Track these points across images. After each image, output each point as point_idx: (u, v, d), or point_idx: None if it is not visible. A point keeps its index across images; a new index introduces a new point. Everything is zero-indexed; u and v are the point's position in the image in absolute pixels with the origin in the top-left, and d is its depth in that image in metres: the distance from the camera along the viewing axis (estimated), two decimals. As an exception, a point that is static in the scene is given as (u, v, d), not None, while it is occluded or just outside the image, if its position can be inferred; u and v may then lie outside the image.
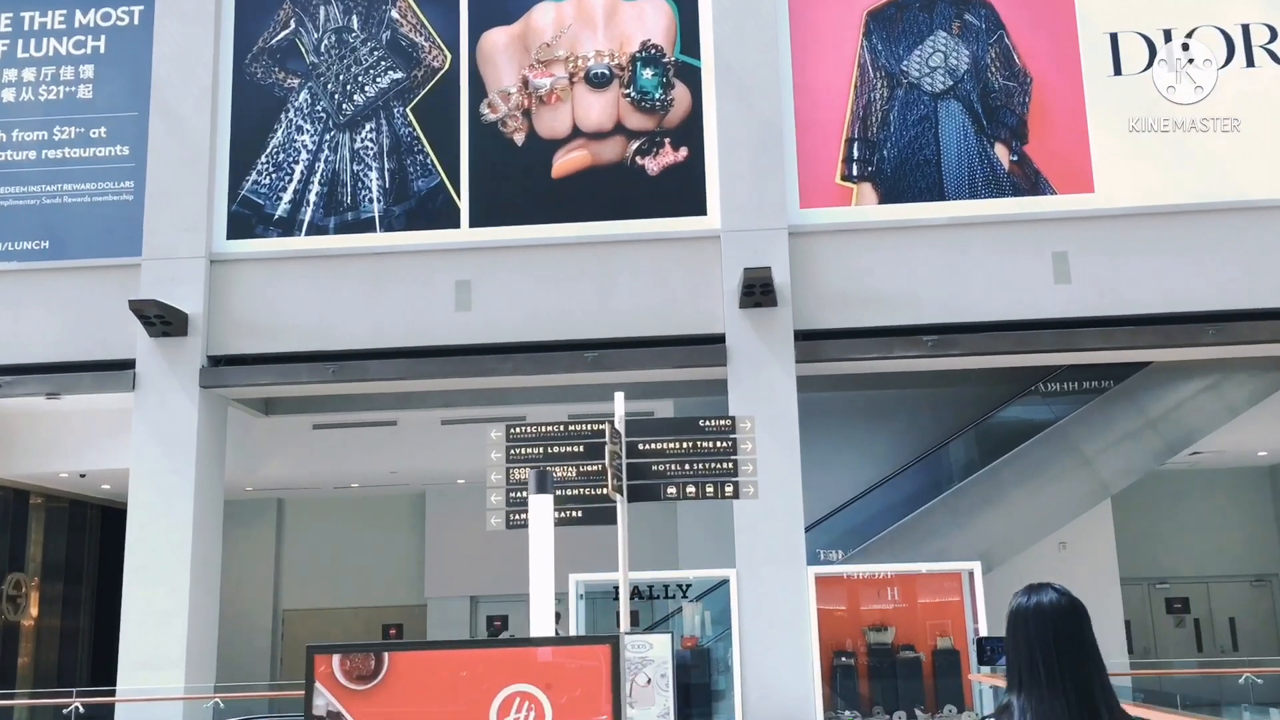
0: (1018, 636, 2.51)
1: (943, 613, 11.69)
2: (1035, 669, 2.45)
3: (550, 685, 1.94)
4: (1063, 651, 2.46)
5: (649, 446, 8.24)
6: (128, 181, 12.83)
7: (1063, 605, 2.52)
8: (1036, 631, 2.49)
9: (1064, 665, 2.44)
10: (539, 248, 12.25)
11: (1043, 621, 2.50)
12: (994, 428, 13.35)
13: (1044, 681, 2.43)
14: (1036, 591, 2.58)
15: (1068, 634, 2.48)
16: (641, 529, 15.55)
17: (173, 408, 11.92)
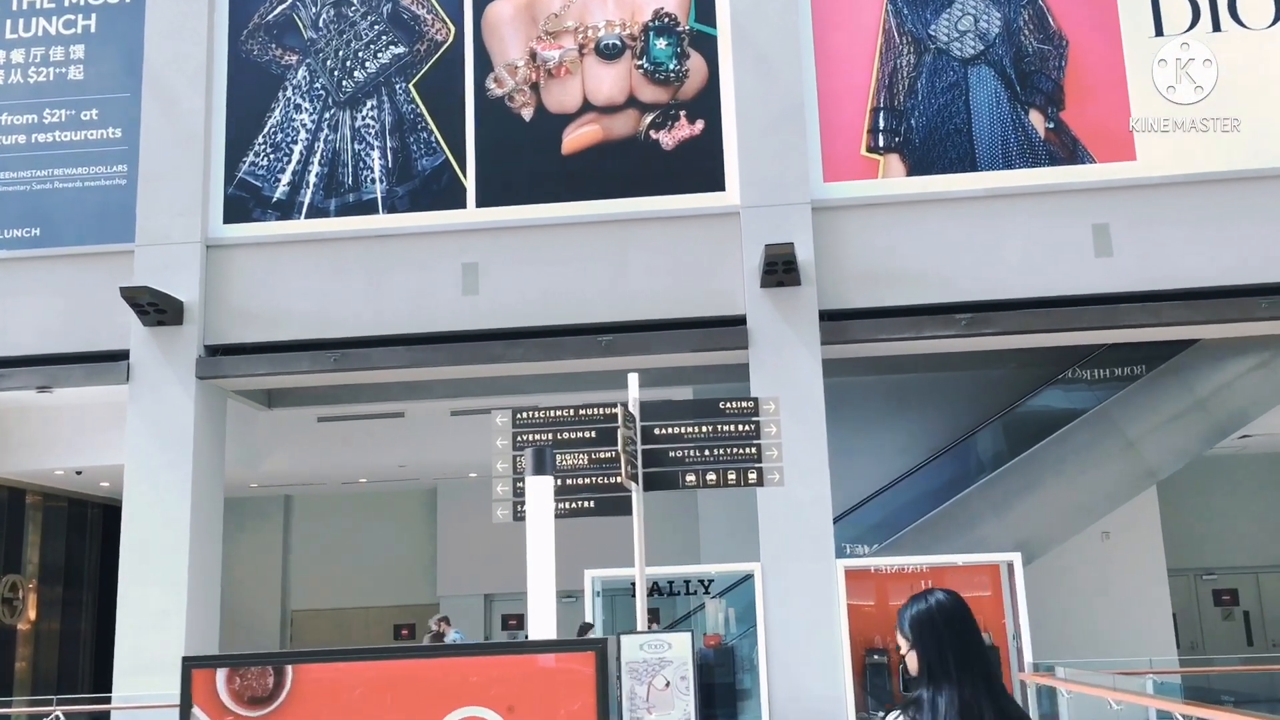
0: (926, 636, 2.77)
1: (980, 608, 11.12)
2: (945, 663, 2.72)
3: (513, 708, 1.45)
4: (966, 646, 2.77)
5: (666, 431, 7.73)
6: (121, 165, 12.41)
7: (959, 606, 2.83)
8: (942, 632, 2.77)
9: (968, 657, 2.75)
10: (549, 228, 11.75)
11: (947, 619, 2.81)
12: (1031, 412, 12.77)
13: (954, 673, 2.70)
14: (930, 595, 2.87)
15: (967, 630, 2.80)
16: (661, 521, 15.08)
17: (168, 400, 11.49)
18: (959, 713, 2.68)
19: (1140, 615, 12.53)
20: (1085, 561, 12.63)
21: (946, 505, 12.05)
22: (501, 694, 1.46)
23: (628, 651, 6.23)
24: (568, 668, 1.58)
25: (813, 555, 10.63)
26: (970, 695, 2.71)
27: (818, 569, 10.57)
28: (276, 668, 1.48)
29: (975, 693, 2.71)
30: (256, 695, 1.46)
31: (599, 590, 11.57)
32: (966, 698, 2.70)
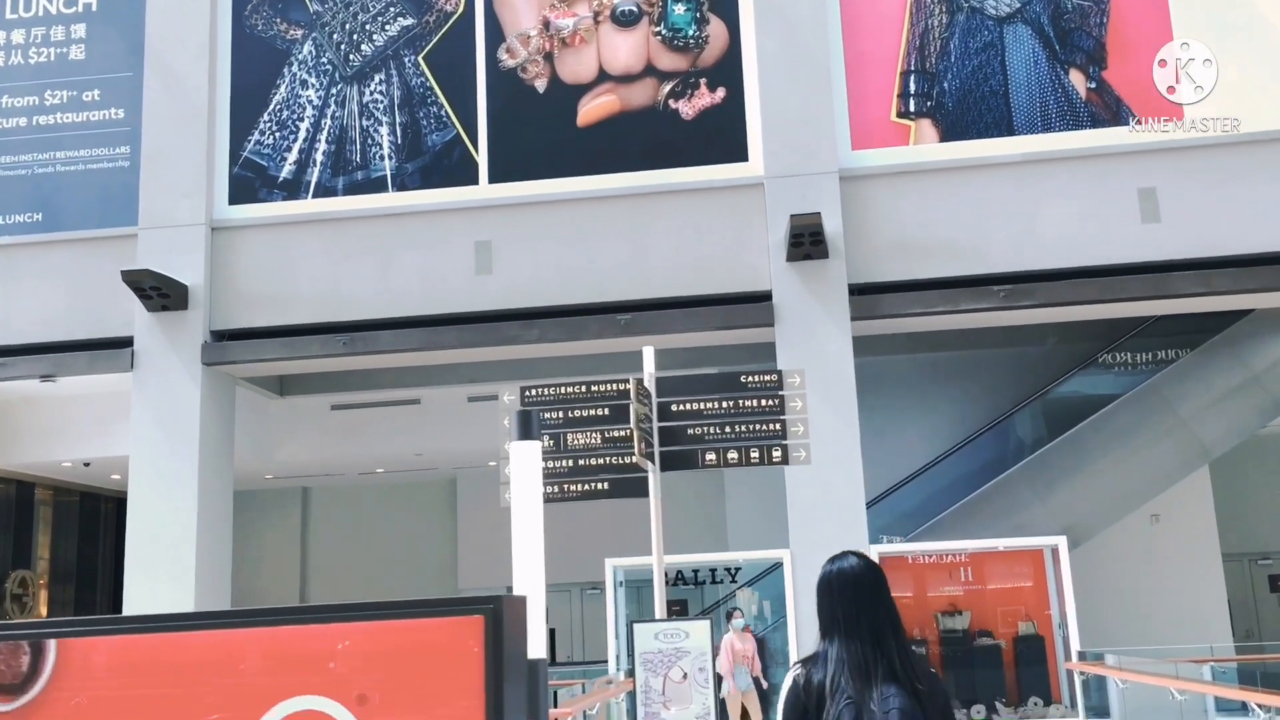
0: (825, 597, 2.93)
1: (1023, 595, 10.62)
2: (837, 621, 2.87)
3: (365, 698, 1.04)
4: (859, 606, 2.87)
5: (684, 407, 7.30)
6: (124, 147, 12.10)
7: (859, 569, 2.94)
8: (839, 591, 2.90)
9: (860, 616, 2.85)
10: (565, 203, 11.33)
11: (844, 583, 2.92)
12: (1074, 391, 12.21)
13: (843, 630, 2.85)
14: (840, 559, 2.98)
15: (863, 592, 2.89)
16: (687, 507, 14.64)
17: (174, 387, 11.17)
18: (846, 666, 2.82)
19: (1192, 602, 11.95)
20: (1133, 546, 12.06)
21: (985, 488, 11.52)
22: (349, 677, 1.04)
23: (641, 641, 5.79)
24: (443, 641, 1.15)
25: (845, 541, 10.10)
26: (859, 650, 2.83)
27: (850, 555, 10.08)
28: (34, 645, 1.05)
29: (864, 648, 2.83)
30: (4, 682, 1.04)
31: (621, 580, 11.15)
32: (855, 653, 2.83)
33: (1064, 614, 10.00)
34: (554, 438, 7.29)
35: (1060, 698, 10.15)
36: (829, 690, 2.82)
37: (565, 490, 7.22)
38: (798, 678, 2.91)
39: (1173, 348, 11.77)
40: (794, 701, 2.88)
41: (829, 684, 2.83)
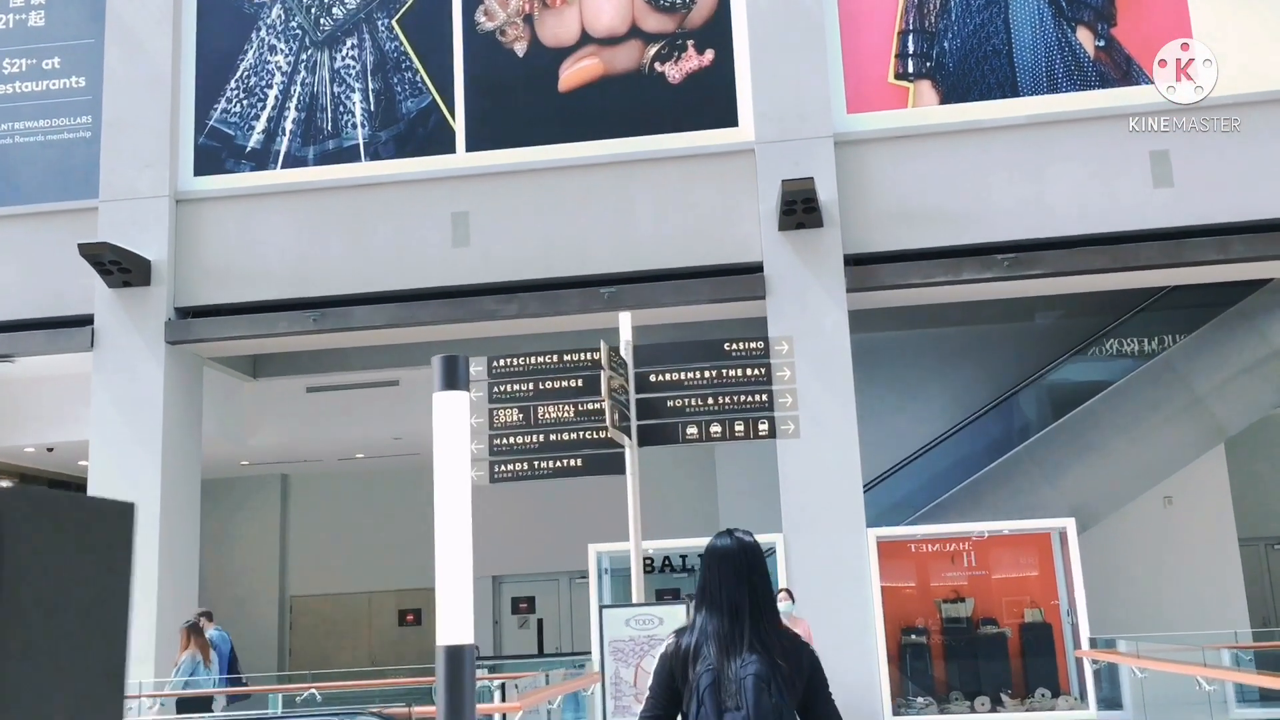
0: (703, 568, 3.09)
1: (1030, 581, 10.12)
2: (707, 593, 3.04)
3: None
4: (727, 581, 3.02)
5: (663, 378, 6.79)
6: (85, 116, 11.60)
7: (732, 546, 3.07)
8: (714, 566, 3.05)
9: (726, 590, 3.01)
10: (546, 172, 10.84)
11: (719, 558, 3.07)
12: (1082, 367, 11.69)
13: (711, 602, 3.02)
14: (720, 537, 3.11)
15: (734, 568, 3.03)
16: (679, 490, 14.16)
17: (135, 367, 10.69)
18: (710, 636, 2.95)
19: (1206, 587, 11.43)
20: (1144, 529, 11.54)
21: (989, 469, 11.01)
22: None
23: (611, 628, 5.30)
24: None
25: (841, 525, 9.67)
26: (723, 621, 2.95)
27: (847, 540, 9.61)
28: None
29: (728, 620, 2.95)
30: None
31: (607, 568, 10.67)
32: (720, 624, 2.95)
33: (1073, 601, 9.51)
34: (523, 411, 6.79)
35: (1069, 688, 9.65)
36: (692, 657, 2.95)
37: (535, 467, 6.73)
38: (669, 645, 3.04)
39: (1186, 321, 11.23)
40: (662, 667, 3.01)
41: (693, 651, 2.96)
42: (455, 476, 3.15)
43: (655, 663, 3.05)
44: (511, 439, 6.79)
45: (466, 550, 3.13)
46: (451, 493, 3.12)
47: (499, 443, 6.80)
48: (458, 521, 3.10)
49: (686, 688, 2.92)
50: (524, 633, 15.47)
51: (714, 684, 2.86)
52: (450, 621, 3.01)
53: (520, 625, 15.48)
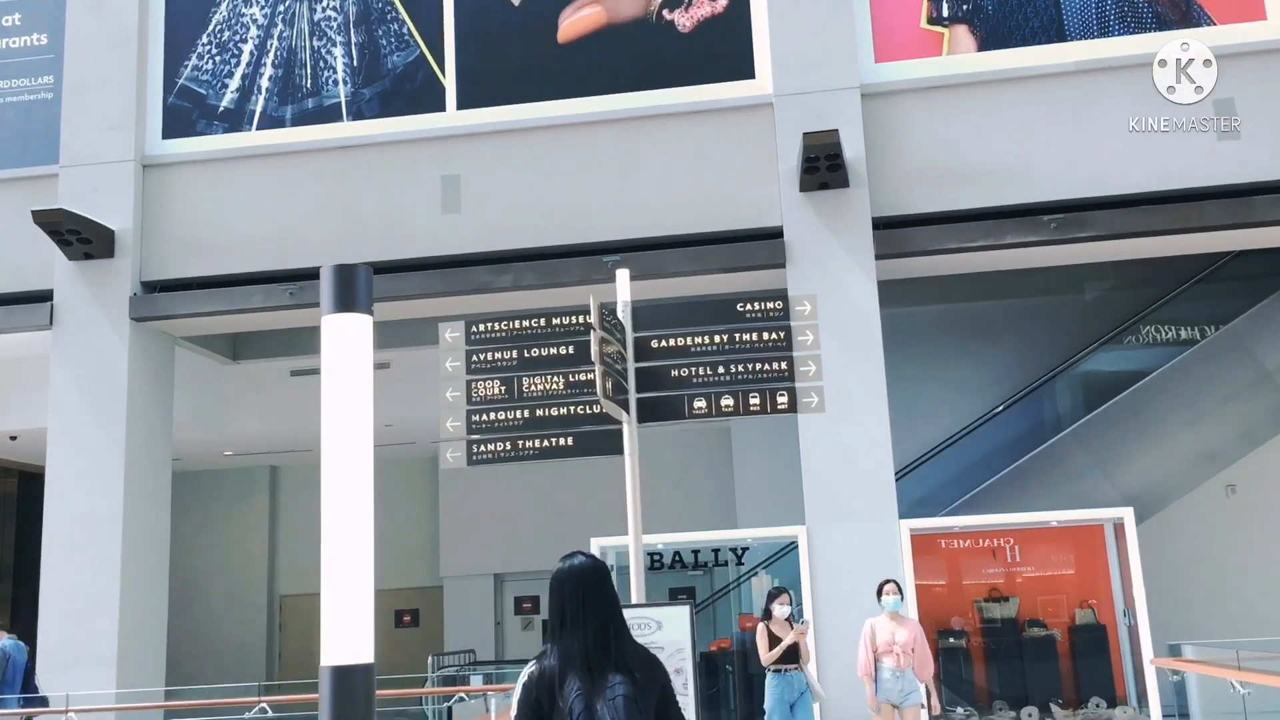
0: (554, 592, 3.12)
1: (1080, 578, 9.25)
2: (564, 618, 3.06)
3: None
4: (585, 603, 3.07)
5: (666, 343, 5.98)
6: (47, 76, 10.88)
7: (586, 566, 3.14)
8: (568, 589, 3.09)
9: (585, 612, 3.05)
10: (544, 130, 10.06)
11: (572, 580, 3.11)
12: (1136, 341, 10.79)
13: (569, 626, 3.04)
14: (569, 558, 3.18)
15: (589, 588, 3.09)
16: (692, 480, 13.36)
17: (98, 346, 9.96)
18: (574, 659, 2.97)
19: (1275, 585, 10.51)
20: (1204, 521, 10.64)
21: (1032, 455, 10.14)
22: None
23: (601, 634, 4.48)
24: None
25: (870, 515, 8.84)
26: (584, 643, 2.99)
27: (877, 531, 8.78)
28: None
29: (590, 641, 3.00)
30: None
31: (612, 564, 9.84)
32: (581, 646, 2.99)
33: (1130, 600, 8.64)
34: (505, 383, 6.00)
35: (1126, 697, 8.79)
36: (559, 683, 2.95)
37: (520, 448, 5.93)
38: (531, 673, 3.01)
39: (1253, 289, 10.32)
40: (526, 697, 2.98)
41: (559, 677, 2.96)
42: (349, 436, 2.35)
43: (515, 700, 3.00)
44: (492, 415, 5.99)
45: (365, 539, 2.33)
46: (344, 460, 2.31)
47: (479, 419, 6.01)
48: (353, 501, 2.30)
49: (556, 713, 2.93)
50: (528, 634, 14.69)
51: (586, 708, 2.87)
52: (340, 633, 2.21)
53: (524, 627, 14.70)
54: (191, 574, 14.36)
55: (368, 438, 2.31)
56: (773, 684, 7.75)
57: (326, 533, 2.29)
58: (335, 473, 2.26)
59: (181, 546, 12.09)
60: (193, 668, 13.05)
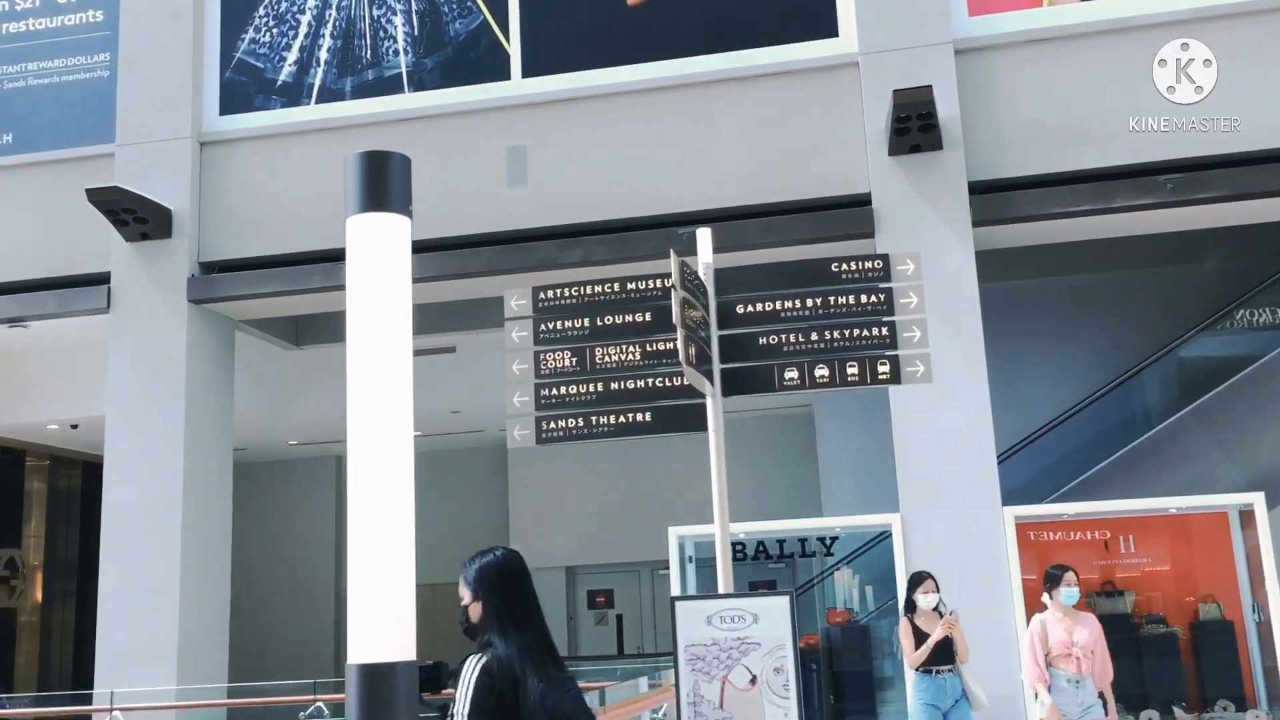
0: (504, 585, 3.26)
1: (1204, 570, 8.54)
2: (513, 611, 3.18)
3: None
4: (528, 596, 3.27)
5: (754, 309, 5.45)
6: (103, 54, 10.65)
7: (519, 560, 3.35)
8: (514, 581, 3.26)
9: (531, 605, 3.25)
10: (614, 97, 9.58)
11: (516, 572, 3.29)
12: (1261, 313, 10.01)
13: (516, 619, 3.16)
14: (500, 551, 3.39)
15: (527, 582, 3.31)
16: (772, 465, 12.78)
17: (155, 330, 9.69)
18: (527, 652, 3.07)
19: None
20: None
21: (1147, 437, 9.44)
22: None
23: (689, 628, 3.99)
24: None
25: (971, 503, 8.24)
26: (531, 639, 3.13)
27: (979, 519, 8.17)
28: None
29: (535, 636, 3.15)
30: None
31: (691, 555, 9.36)
32: (534, 640, 3.12)
33: (1261, 594, 7.92)
34: (577, 354, 5.51)
35: (1256, 700, 8.09)
36: (520, 677, 3.01)
37: (593, 424, 5.43)
38: (488, 665, 3.04)
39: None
40: (487, 692, 2.97)
41: (518, 671, 3.03)
42: (382, 391, 1.87)
43: (471, 691, 2.96)
44: (563, 388, 5.51)
45: (404, 512, 1.85)
46: (375, 410, 1.84)
47: (548, 394, 5.52)
48: (389, 461, 1.82)
49: (519, 710, 2.92)
50: (602, 630, 14.26)
51: (554, 700, 2.89)
52: (370, 626, 1.73)
53: (597, 622, 14.27)
54: (255, 568, 14.14)
55: (405, 391, 1.82)
56: (921, 688, 6.87)
57: (355, 509, 1.81)
58: (368, 419, 1.78)
59: (245, 539, 11.83)
60: (257, 665, 12.80)
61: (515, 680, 2.98)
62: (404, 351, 1.88)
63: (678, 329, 4.78)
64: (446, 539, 14.48)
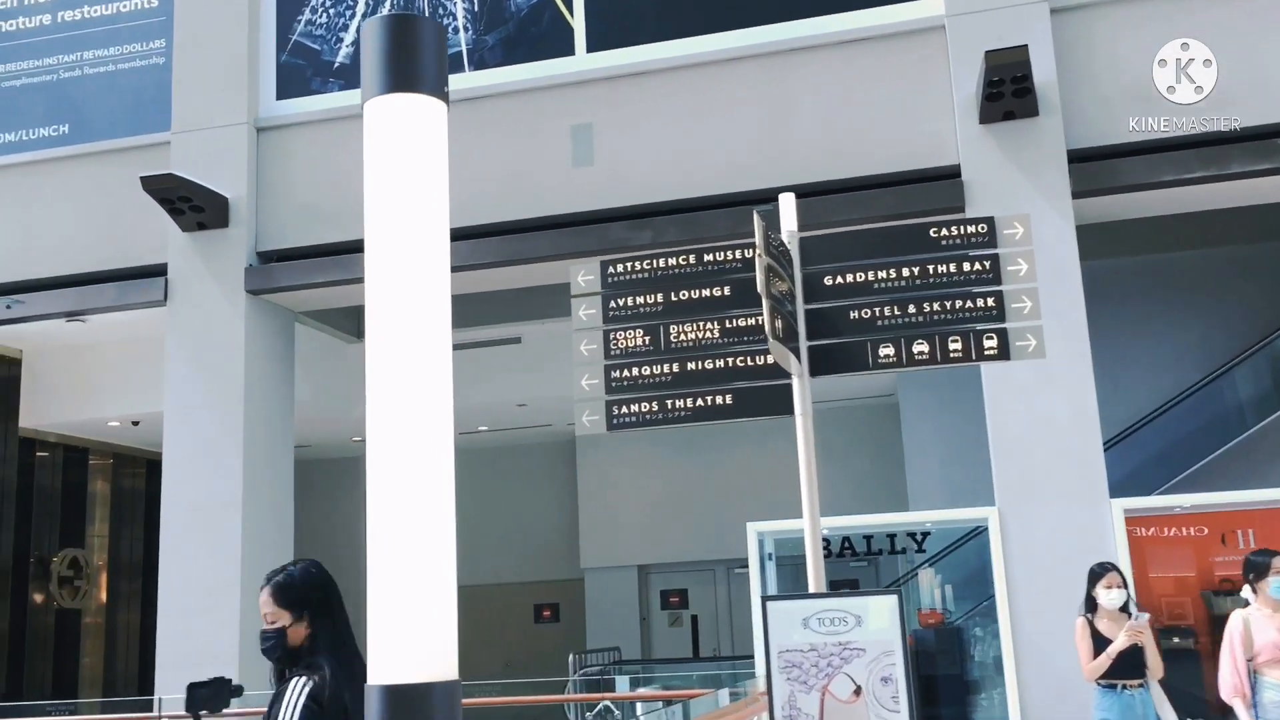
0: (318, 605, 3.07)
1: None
2: (334, 626, 3.04)
3: None
4: (341, 608, 3.12)
5: (843, 280, 4.99)
6: (159, 40, 10.47)
7: (325, 572, 3.19)
8: (334, 594, 3.13)
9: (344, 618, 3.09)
10: (683, 70, 9.16)
11: (332, 587, 3.14)
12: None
13: (338, 637, 3.03)
14: (299, 564, 3.23)
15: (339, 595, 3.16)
16: (858, 457, 12.25)
17: (213, 322, 9.47)
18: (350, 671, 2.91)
19: None
20: None
21: (1266, 423, 8.78)
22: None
23: (781, 631, 3.56)
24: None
25: (1076, 493, 7.68)
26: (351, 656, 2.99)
27: (1084, 513, 7.61)
28: None
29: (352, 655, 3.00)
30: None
31: (771, 553, 8.89)
32: (349, 659, 2.97)
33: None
34: (650, 333, 5.10)
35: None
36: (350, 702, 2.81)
37: (669, 408, 5.02)
38: (315, 690, 2.84)
39: None
40: (315, 715, 2.80)
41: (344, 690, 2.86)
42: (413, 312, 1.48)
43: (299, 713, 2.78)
44: (635, 370, 5.10)
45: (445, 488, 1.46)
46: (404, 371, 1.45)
47: (619, 375, 5.12)
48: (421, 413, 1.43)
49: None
50: (676, 632, 13.84)
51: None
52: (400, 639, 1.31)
53: (671, 623, 13.85)
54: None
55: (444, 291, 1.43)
56: (1104, 705, 5.85)
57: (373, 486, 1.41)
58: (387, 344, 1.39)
59: (307, 539, 11.60)
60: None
61: (345, 708, 2.79)
62: (439, 283, 1.47)
63: (763, 299, 4.34)
64: (513, 538, 14.21)
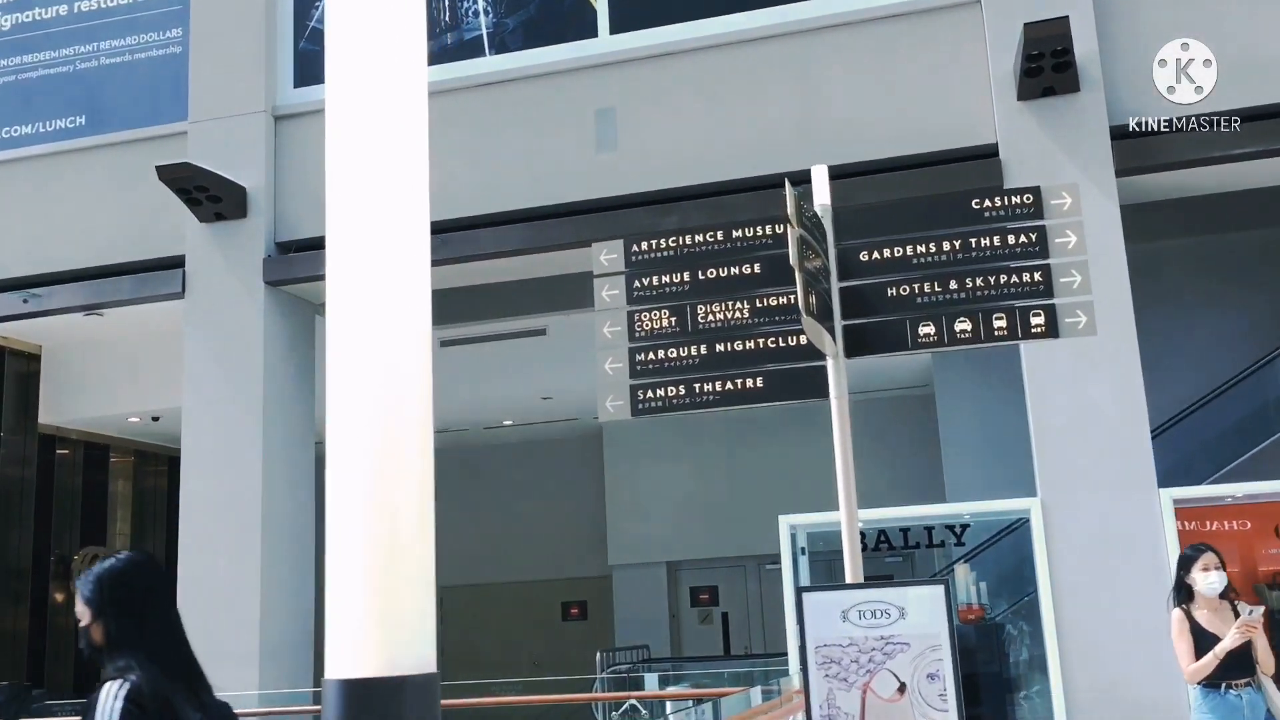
0: (120, 602, 2.74)
1: None
2: (151, 624, 2.73)
3: None
4: (171, 606, 2.84)
5: (879, 255, 4.75)
6: (176, 29, 10.33)
7: (150, 567, 2.89)
8: (155, 588, 2.84)
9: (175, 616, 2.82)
10: (709, 51, 8.94)
11: (158, 576, 2.88)
12: None
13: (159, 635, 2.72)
14: (114, 558, 2.85)
15: (164, 593, 2.87)
16: (893, 447, 11.98)
17: (231, 314, 9.33)
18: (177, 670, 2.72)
19: None
20: None
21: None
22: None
23: (819, 625, 3.33)
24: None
25: (1122, 484, 7.41)
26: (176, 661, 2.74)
27: (1131, 503, 7.34)
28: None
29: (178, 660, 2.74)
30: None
31: (804, 547, 8.65)
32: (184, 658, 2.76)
33: None
34: (677, 313, 4.88)
35: None
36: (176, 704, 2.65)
37: (696, 392, 4.80)
38: (133, 692, 2.61)
39: None
40: (137, 716, 2.59)
41: (170, 692, 2.66)
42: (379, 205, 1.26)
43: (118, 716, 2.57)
44: (661, 352, 4.89)
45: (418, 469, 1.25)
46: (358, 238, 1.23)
47: (644, 358, 4.90)
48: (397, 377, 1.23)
49: None
50: (706, 629, 13.62)
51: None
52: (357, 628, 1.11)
53: (701, 620, 13.63)
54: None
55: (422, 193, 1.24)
56: (1205, 708, 5.42)
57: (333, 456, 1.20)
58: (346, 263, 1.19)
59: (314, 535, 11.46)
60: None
61: (172, 710, 2.61)
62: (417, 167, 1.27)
63: (796, 273, 4.12)
64: (539, 534, 14.03)
